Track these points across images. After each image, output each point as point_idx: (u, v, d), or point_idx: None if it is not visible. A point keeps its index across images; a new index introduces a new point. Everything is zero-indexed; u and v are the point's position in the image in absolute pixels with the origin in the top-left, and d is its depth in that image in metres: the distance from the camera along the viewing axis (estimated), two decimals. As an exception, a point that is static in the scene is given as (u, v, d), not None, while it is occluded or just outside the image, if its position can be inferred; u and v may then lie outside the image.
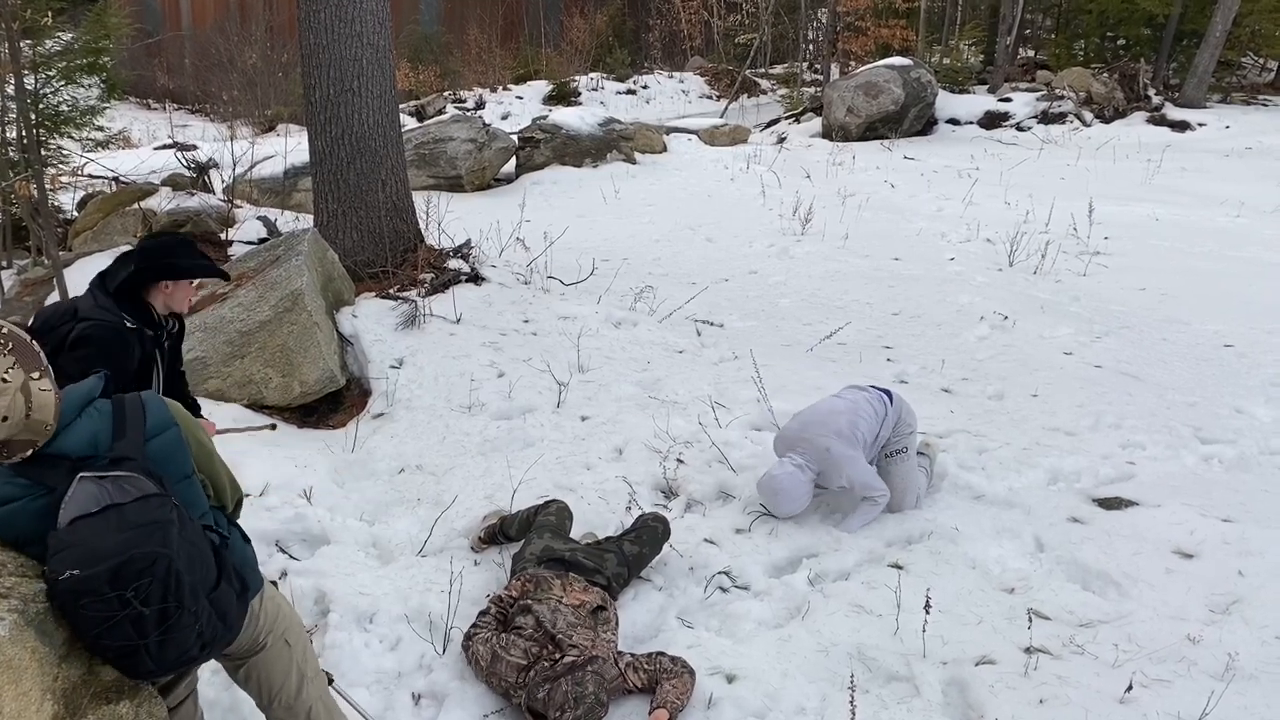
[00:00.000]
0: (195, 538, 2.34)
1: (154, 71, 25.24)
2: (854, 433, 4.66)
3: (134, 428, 2.35)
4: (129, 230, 9.86)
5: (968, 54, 23.23)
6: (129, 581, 2.15)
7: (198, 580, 2.30)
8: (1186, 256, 9.90)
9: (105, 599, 2.16)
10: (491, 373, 6.48)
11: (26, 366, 2.16)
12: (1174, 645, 3.75)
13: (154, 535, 2.19)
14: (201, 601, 2.30)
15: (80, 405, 2.33)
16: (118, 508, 2.20)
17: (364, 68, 7.49)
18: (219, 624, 2.38)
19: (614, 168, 14.73)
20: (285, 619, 2.77)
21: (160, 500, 2.27)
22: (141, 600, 2.18)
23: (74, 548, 2.17)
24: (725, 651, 3.80)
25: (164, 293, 3.52)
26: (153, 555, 2.17)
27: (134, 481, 2.25)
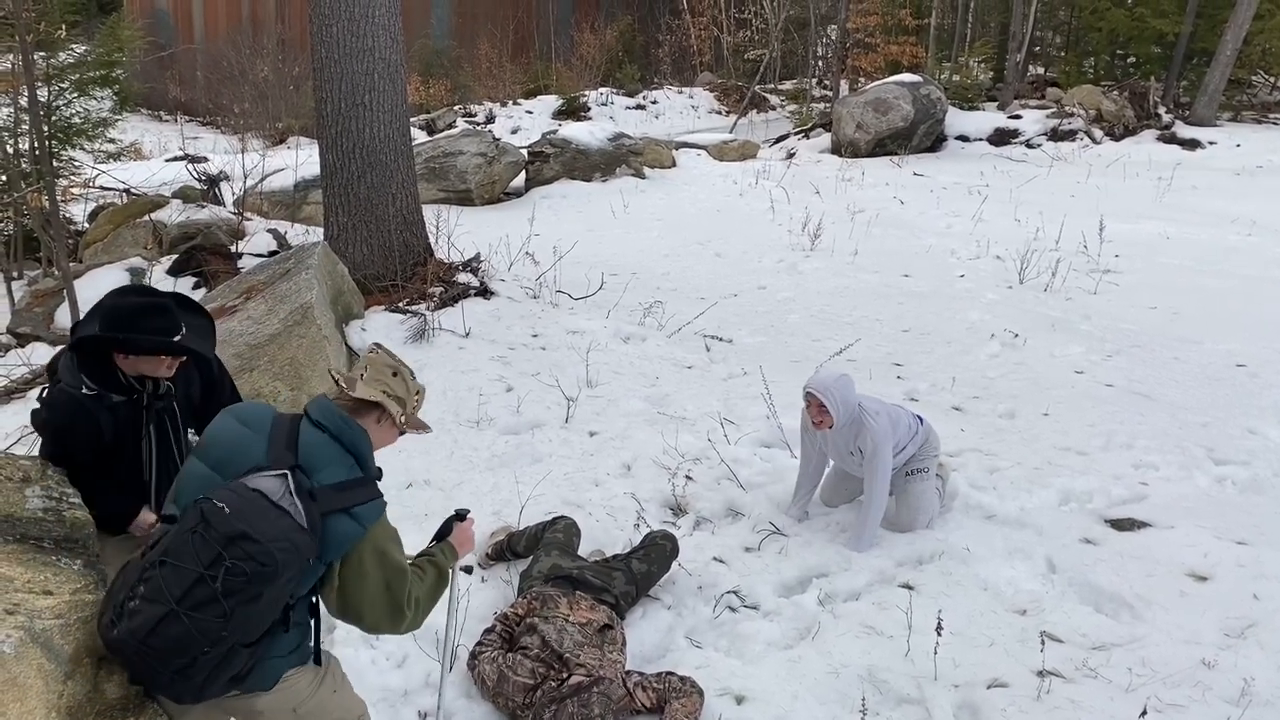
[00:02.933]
0: (283, 597, 2.38)
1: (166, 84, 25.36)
2: (893, 425, 4.64)
3: (347, 500, 2.45)
4: (139, 242, 9.89)
5: (977, 71, 23.23)
6: (236, 554, 2.23)
7: (255, 621, 2.33)
8: (1197, 275, 9.86)
9: (208, 545, 2.25)
10: (500, 387, 6.47)
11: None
12: (1188, 669, 3.70)
13: (288, 552, 2.29)
14: (234, 635, 2.29)
15: (358, 448, 2.55)
16: (289, 516, 2.33)
17: (375, 82, 7.51)
18: (207, 671, 2.31)
19: (623, 182, 14.74)
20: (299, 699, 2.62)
21: (312, 544, 2.36)
22: (225, 573, 2.23)
23: (240, 500, 2.31)
24: (734, 672, 3.76)
25: (123, 361, 3.01)
26: (272, 559, 2.25)
27: (307, 518, 2.36)
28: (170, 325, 2.99)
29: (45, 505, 2.74)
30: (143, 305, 2.99)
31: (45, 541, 2.63)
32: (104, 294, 3.11)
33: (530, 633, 3.68)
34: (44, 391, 3.04)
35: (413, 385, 2.73)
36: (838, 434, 4.67)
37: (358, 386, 2.62)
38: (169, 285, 8.88)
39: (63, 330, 8.46)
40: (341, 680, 2.79)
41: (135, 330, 2.93)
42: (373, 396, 2.60)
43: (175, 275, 9.01)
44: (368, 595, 2.51)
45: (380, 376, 2.65)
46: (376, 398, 2.60)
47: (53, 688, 2.20)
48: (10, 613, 2.21)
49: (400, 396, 2.67)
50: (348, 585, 2.50)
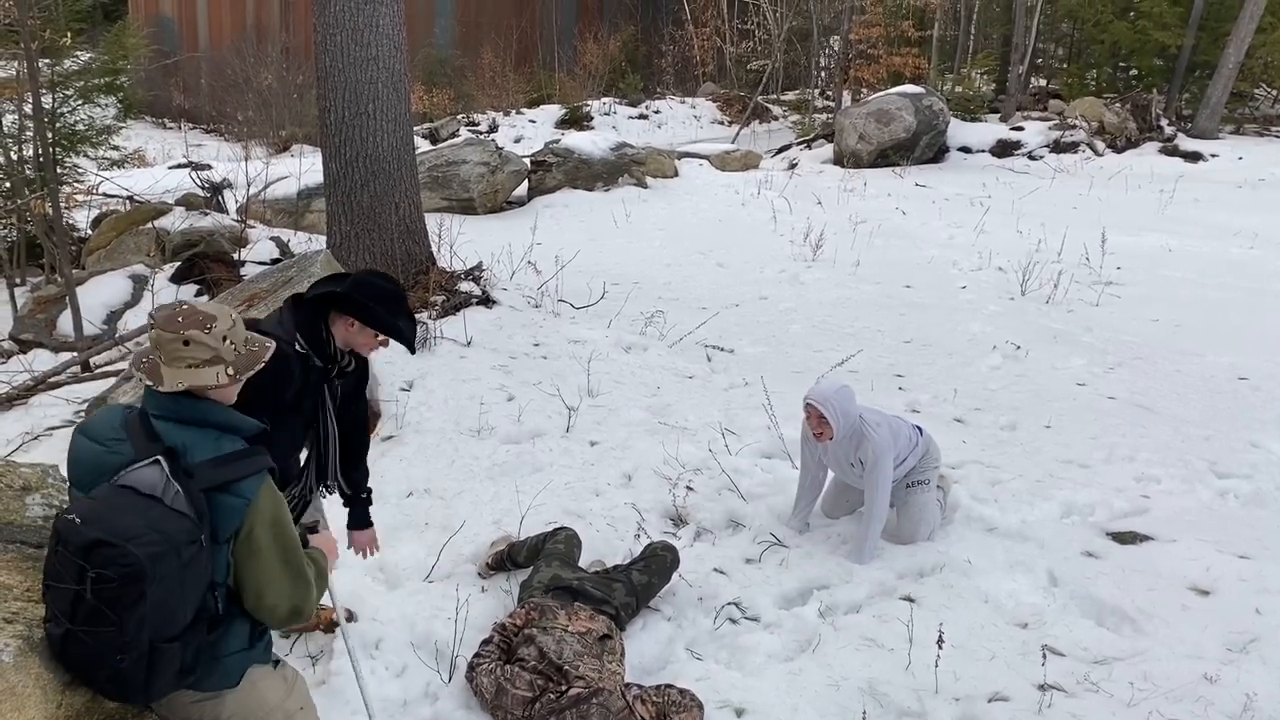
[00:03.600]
0: (189, 588, 2.27)
1: (170, 91, 25.45)
2: (894, 436, 4.64)
3: (225, 474, 2.34)
4: (142, 249, 9.91)
5: (980, 82, 23.28)
6: (96, 562, 2.13)
7: (159, 618, 2.22)
8: (1200, 288, 9.86)
9: (69, 560, 2.16)
10: (501, 396, 6.47)
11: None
12: (1191, 684, 3.69)
13: (153, 544, 2.16)
14: (142, 638, 2.20)
15: (215, 421, 2.41)
16: (158, 503, 2.23)
17: (379, 91, 7.52)
18: (141, 673, 2.25)
19: (625, 192, 14.76)
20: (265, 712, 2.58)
21: (190, 527, 2.24)
22: (93, 585, 2.14)
23: (98, 505, 2.23)
24: (735, 684, 3.75)
25: (346, 328, 3.26)
26: (133, 559, 2.13)
27: (187, 500, 2.26)
28: (402, 313, 3.29)
29: (46, 513, 2.74)
30: (388, 289, 3.28)
31: (46, 549, 2.63)
32: (344, 275, 3.39)
33: (528, 644, 3.67)
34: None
35: (214, 335, 2.39)
36: (838, 445, 4.67)
37: (164, 376, 2.37)
38: (171, 292, 8.89)
39: (64, 336, 8.47)
40: (308, 700, 2.74)
41: (380, 304, 3.20)
42: (181, 383, 2.37)
43: (178, 282, 9.02)
44: (265, 570, 2.40)
45: (175, 354, 2.36)
46: (186, 381, 2.37)
47: (51, 697, 2.20)
48: (9, 621, 2.21)
49: (209, 359, 2.39)
50: (242, 563, 2.39)
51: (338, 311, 3.24)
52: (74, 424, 6.33)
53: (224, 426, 2.41)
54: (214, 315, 2.42)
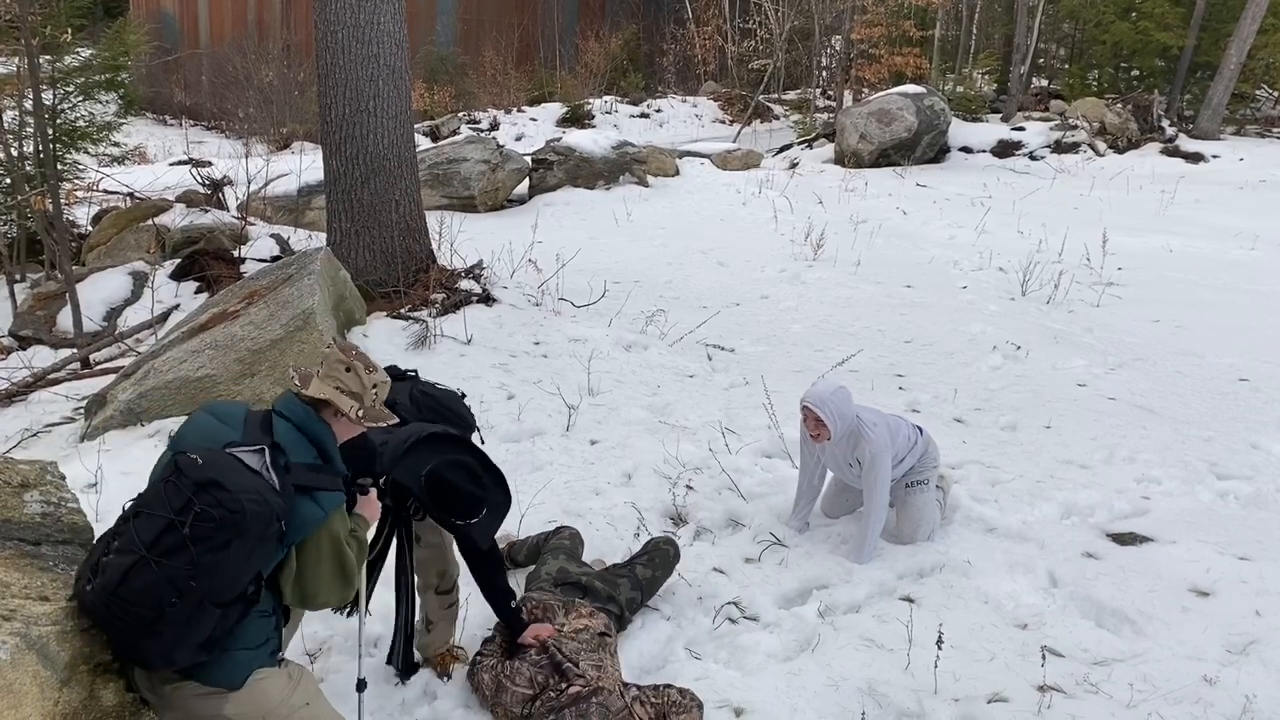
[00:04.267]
0: (255, 560, 2.43)
1: (171, 88, 25.44)
2: (891, 436, 4.63)
3: (314, 481, 2.57)
4: (142, 246, 9.90)
5: (981, 83, 23.26)
6: (206, 500, 2.31)
7: (223, 576, 2.35)
8: (1201, 289, 9.85)
9: (179, 491, 2.35)
10: (501, 395, 6.46)
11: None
12: (1190, 686, 3.68)
13: (258, 504, 2.35)
14: (201, 587, 2.32)
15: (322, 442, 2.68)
16: (261, 478, 2.45)
17: (380, 88, 7.52)
18: (177, 628, 2.34)
19: (626, 190, 14.74)
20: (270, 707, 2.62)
21: (282, 509, 2.43)
22: (194, 518, 2.30)
23: (214, 455, 2.44)
24: (734, 684, 3.74)
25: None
26: (240, 506, 2.32)
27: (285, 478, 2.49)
28: (473, 514, 3.36)
29: (44, 510, 2.74)
30: (460, 491, 3.30)
31: (44, 546, 2.62)
32: (450, 444, 3.42)
33: (521, 660, 3.64)
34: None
35: (369, 379, 2.78)
36: (836, 446, 4.66)
37: (312, 384, 2.71)
38: (171, 289, 8.88)
39: (64, 333, 8.46)
40: (315, 694, 2.78)
41: (442, 507, 3.33)
42: (323, 394, 2.69)
43: (178, 279, 9.01)
44: (324, 577, 2.61)
45: (333, 373, 2.74)
46: (327, 395, 2.69)
47: (48, 695, 2.19)
48: (6, 619, 2.20)
49: (355, 392, 2.74)
50: (306, 569, 2.59)
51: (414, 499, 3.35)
52: (73, 420, 6.33)
53: (325, 453, 2.67)
54: (378, 369, 2.87)
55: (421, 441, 3.32)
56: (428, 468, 3.25)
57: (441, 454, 3.31)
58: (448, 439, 3.41)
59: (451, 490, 3.27)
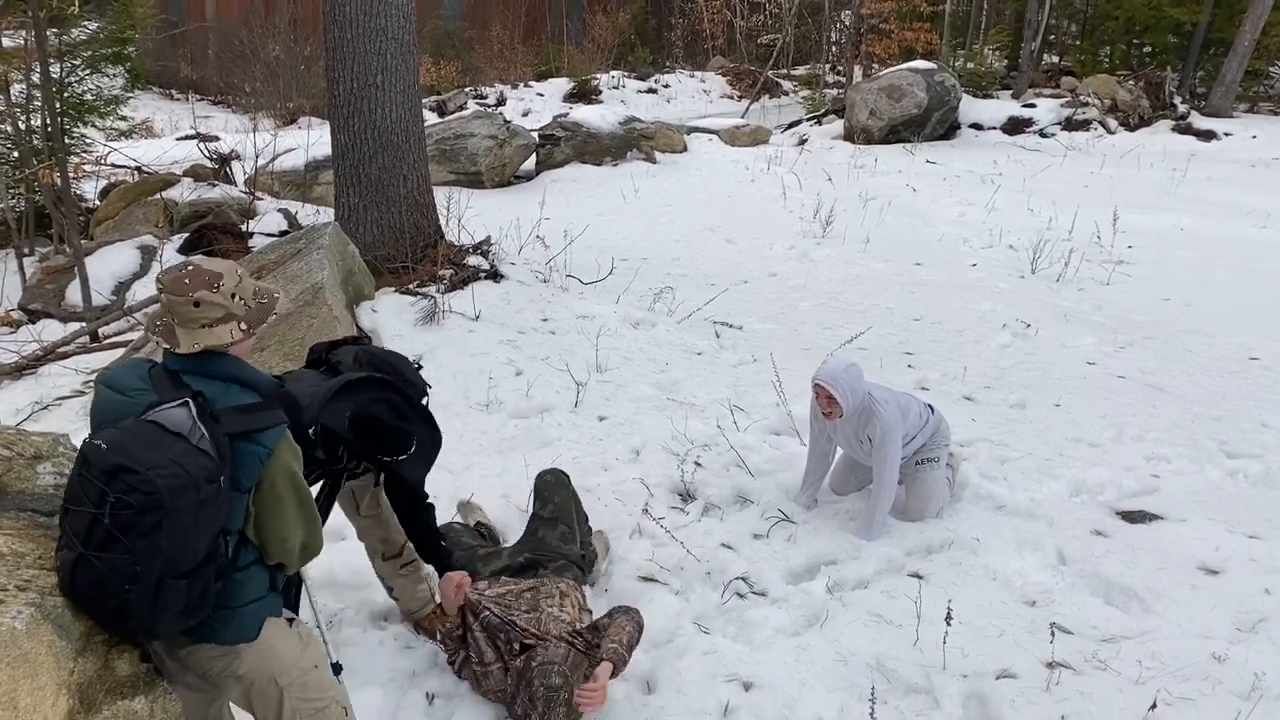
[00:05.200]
0: (203, 526, 2.29)
1: (177, 62, 25.37)
2: (903, 414, 4.62)
3: (250, 423, 2.39)
4: (150, 220, 9.89)
5: (992, 59, 23.09)
6: (118, 488, 2.17)
7: (171, 551, 2.23)
8: (1211, 267, 9.80)
9: (90, 483, 2.20)
10: (509, 371, 6.46)
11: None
12: (1199, 663, 3.69)
13: (174, 477, 2.19)
14: (153, 568, 2.21)
15: (236, 376, 2.47)
16: (183, 440, 2.27)
17: (388, 62, 7.48)
18: (146, 608, 2.26)
19: (634, 167, 14.69)
20: (281, 668, 2.61)
21: (212, 466, 2.27)
22: (111, 509, 2.17)
23: (124, 434, 2.26)
24: (742, 658, 3.75)
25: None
26: (154, 487, 2.16)
27: (212, 441, 2.30)
28: (402, 449, 3.32)
29: (57, 482, 2.74)
30: (387, 427, 3.27)
31: (57, 517, 2.63)
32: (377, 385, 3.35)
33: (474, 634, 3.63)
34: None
35: (223, 294, 2.43)
36: (846, 423, 4.65)
37: (180, 340, 2.42)
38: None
39: (73, 307, 8.47)
40: (323, 659, 2.78)
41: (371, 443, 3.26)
42: (199, 344, 2.42)
43: (186, 253, 9.01)
44: (286, 516, 2.49)
45: (188, 316, 2.41)
46: (203, 343, 2.42)
47: (64, 665, 2.20)
48: (22, 589, 2.21)
49: (220, 317, 2.43)
50: (265, 510, 2.47)
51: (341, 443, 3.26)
52: (83, 393, 6.35)
53: (244, 382, 2.47)
54: (220, 273, 2.46)
55: (347, 385, 3.25)
56: (352, 409, 3.21)
57: (366, 394, 3.27)
58: (373, 382, 3.34)
59: (378, 426, 3.23)
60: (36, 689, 2.10)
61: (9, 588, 2.20)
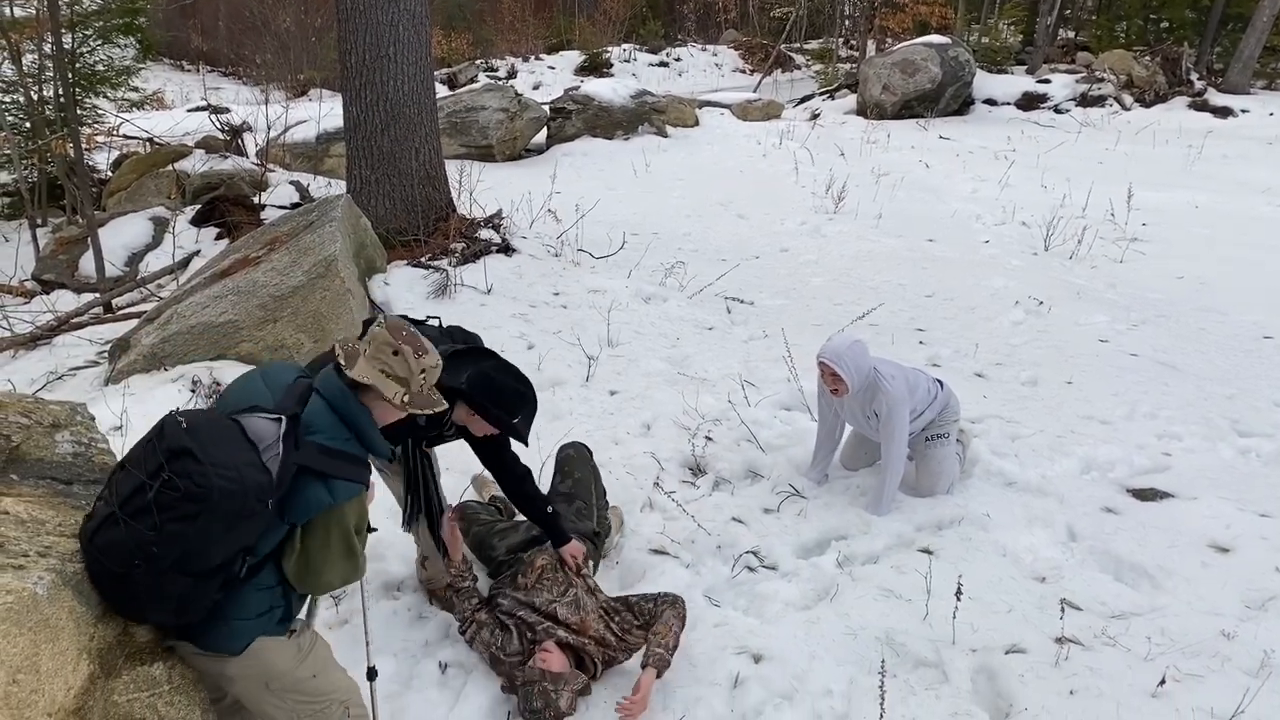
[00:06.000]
0: (231, 537, 2.32)
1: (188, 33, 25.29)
2: (910, 389, 4.62)
3: (325, 465, 2.42)
4: (163, 191, 9.90)
5: (1007, 34, 22.87)
6: (175, 468, 2.21)
7: (192, 547, 2.25)
8: (1226, 245, 9.73)
9: (154, 454, 2.26)
10: (521, 344, 6.47)
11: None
12: (1208, 640, 3.70)
13: (230, 482, 2.23)
14: (168, 554, 2.23)
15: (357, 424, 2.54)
16: (254, 453, 2.35)
17: (400, 34, 7.45)
18: (144, 590, 2.28)
19: (645, 141, 14.63)
20: (272, 674, 2.61)
21: (266, 488, 2.31)
22: (160, 485, 2.21)
23: (207, 422, 2.35)
24: (753, 631, 3.78)
25: (467, 413, 3.41)
26: (208, 483, 2.20)
27: (279, 464, 2.36)
28: (519, 410, 3.41)
29: (75, 450, 2.76)
30: (509, 390, 3.39)
31: (75, 485, 2.66)
32: (483, 354, 3.50)
33: (498, 608, 3.67)
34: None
35: (418, 363, 2.62)
36: (853, 399, 4.65)
37: (357, 365, 2.57)
38: (192, 235, 8.90)
39: (86, 278, 8.50)
40: (324, 665, 2.74)
41: (500, 407, 3.35)
42: (366, 378, 2.55)
43: (198, 225, 9.02)
44: (329, 558, 2.51)
45: (380, 355, 2.59)
46: (370, 379, 2.55)
47: (84, 630, 2.23)
48: (42, 555, 2.23)
49: (402, 377, 2.59)
50: (312, 551, 2.49)
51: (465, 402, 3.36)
52: (97, 364, 6.38)
53: (359, 433, 2.53)
54: (429, 352, 2.67)
55: (460, 353, 3.38)
56: (470, 371, 3.31)
57: (478, 360, 3.41)
58: (482, 350, 3.51)
59: (498, 387, 3.34)
60: (58, 653, 2.12)
61: (30, 554, 2.22)
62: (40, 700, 2.05)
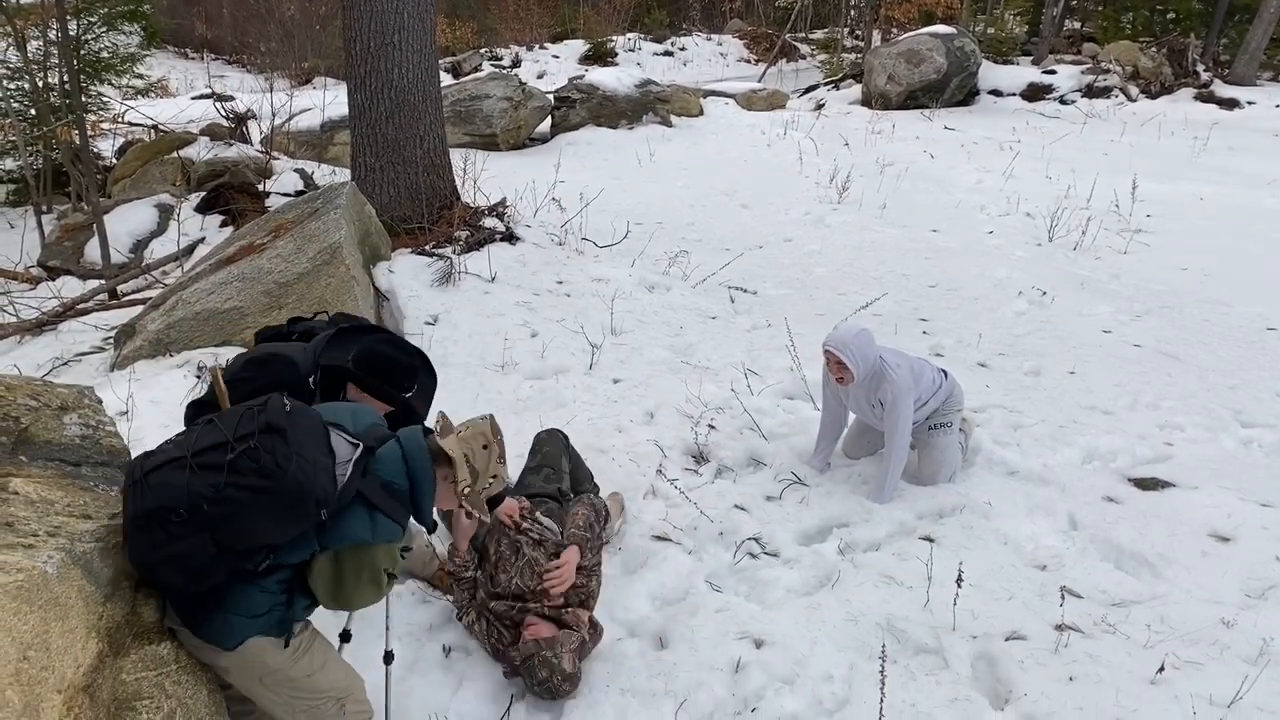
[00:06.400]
0: (271, 525, 2.35)
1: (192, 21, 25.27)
2: (915, 378, 4.64)
3: (383, 500, 2.50)
4: (168, 178, 9.92)
5: (1013, 24, 22.79)
6: (264, 443, 2.31)
7: (238, 524, 2.29)
8: (1231, 237, 9.72)
9: (249, 420, 2.37)
10: (525, 332, 6.49)
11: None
12: (1207, 628, 3.71)
13: (305, 480, 2.32)
14: (204, 519, 2.27)
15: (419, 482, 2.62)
16: (330, 462, 2.44)
17: (405, 21, 7.45)
18: (176, 542, 2.29)
19: (650, 130, 14.62)
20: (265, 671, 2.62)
21: (328, 498, 2.40)
22: (243, 450, 2.30)
23: (307, 416, 2.47)
24: (754, 616, 3.80)
25: (356, 392, 3.26)
26: (287, 468, 2.29)
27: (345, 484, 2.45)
28: (408, 384, 3.28)
29: (83, 432, 2.78)
30: (394, 362, 3.26)
31: (84, 467, 2.68)
32: (370, 329, 3.41)
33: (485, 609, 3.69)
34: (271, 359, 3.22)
35: (494, 467, 2.82)
36: (858, 387, 4.67)
37: (449, 439, 2.75)
38: (196, 222, 8.92)
39: (92, 264, 8.53)
40: (322, 664, 2.73)
41: (379, 378, 3.22)
42: (452, 452, 2.71)
43: (203, 212, 9.04)
44: (361, 589, 2.55)
45: (472, 442, 2.79)
46: (454, 455, 2.71)
47: (93, 609, 2.25)
48: (52, 534, 2.25)
49: (476, 469, 2.77)
50: (345, 578, 2.52)
51: (350, 382, 3.25)
52: (102, 349, 6.41)
53: (418, 494, 2.61)
54: (504, 465, 2.94)
55: (339, 333, 3.32)
56: (355, 349, 3.23)
57: (364, 337, 3.33)
58: (365, 327, 3.42)
59: (384, 360, 3.24)
60: (67, 631, 2.15)
61: (39, 533, 2.24)
62: (50, 677, 2.08)
